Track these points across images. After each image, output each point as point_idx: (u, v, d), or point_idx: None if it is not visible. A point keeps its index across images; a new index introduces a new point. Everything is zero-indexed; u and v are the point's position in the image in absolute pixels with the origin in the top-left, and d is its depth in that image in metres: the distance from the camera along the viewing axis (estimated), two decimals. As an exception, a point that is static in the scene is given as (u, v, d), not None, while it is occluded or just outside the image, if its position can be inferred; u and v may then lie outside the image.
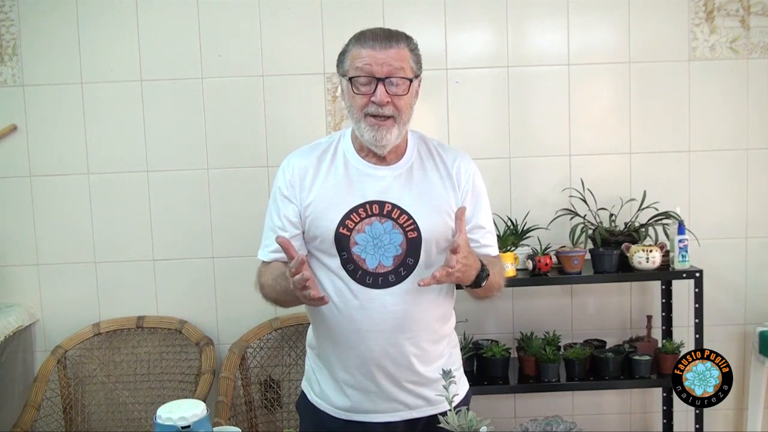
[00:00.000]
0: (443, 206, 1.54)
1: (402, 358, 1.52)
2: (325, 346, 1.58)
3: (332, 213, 1.50)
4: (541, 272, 2.37)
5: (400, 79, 1.46)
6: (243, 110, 2.55)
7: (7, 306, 2.52)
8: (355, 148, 1.56)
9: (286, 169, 1.57)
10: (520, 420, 1.67)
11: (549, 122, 2.58)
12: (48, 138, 2.55)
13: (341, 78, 1.53)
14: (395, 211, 1.50)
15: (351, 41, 1.50)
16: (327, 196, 1.51)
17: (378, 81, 1.45)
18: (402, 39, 1.48)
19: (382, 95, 1.45)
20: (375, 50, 1.44)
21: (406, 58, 1.47)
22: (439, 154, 1.59)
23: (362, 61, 1.45)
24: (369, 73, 1.45)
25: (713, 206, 2.60)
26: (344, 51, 1.51)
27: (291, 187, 1.55)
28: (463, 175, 1.57)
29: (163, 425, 1.22)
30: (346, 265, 1.50)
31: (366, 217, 1.49)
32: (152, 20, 2.52)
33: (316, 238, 1.52)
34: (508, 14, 2.55)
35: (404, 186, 1.53)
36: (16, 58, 2.52)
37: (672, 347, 2.40)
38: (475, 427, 1.14)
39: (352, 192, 1.51)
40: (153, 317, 2.58)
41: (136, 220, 2.58)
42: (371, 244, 1.49)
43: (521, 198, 2.58)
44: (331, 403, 1.59)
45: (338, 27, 2.53)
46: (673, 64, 2.57)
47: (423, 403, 1.56)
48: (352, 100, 1.49)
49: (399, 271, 1.50)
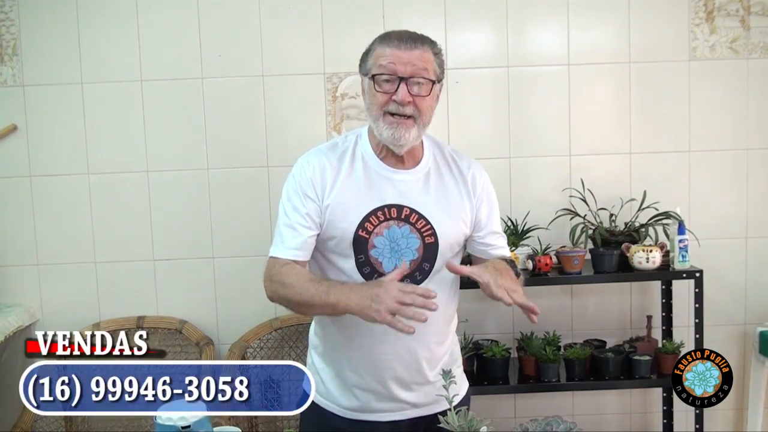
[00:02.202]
0: (459, 213, 1.55)
1: (413, 361, 1.53)
2: (333, 347, 1.58)
3: (352, 215, 1.49)
4: (541, 272, 2.37)
5: (423, 80, 1.46)
6: (243, 110, 2.55)
7: (7, 306, 2.53)
8: (373, 150, 1.55)
9: (306, 167, 1.53)
10: (520, 420, 1.67)
11: (549, 122, 2.58)
12: (48, 138, 2.55)
13: (363, 77, 1.52)
14: (413, 216, 1.50)
15: (376, 41, 1.50)
16: (347, 197, 1.50)
17: (401, 80, 1.44)
18: (427, 42, 1.48)
19: (404, 94, 1.44)
20: (400, 50, 1.44)
21: (430, 61, 1.47)
22: (455, 161, 1.59)
23: (386, 60, 1.44)
24: (392, 71, 1.44)
25: (713, 206, 2.60)
26: (368, 50, 1.51)
27: (312, 186, 1.51)
28: (478, 183, 1.58)
29: (163, 425, 1.22)
30: (362, 267, 1.49)
31: (384, 220, 1.49)
32: (152, 20, 2.52)
33: (334, 238, 1.50)
34: (508, 14, 2.55)
35: (422, 191, 1.53)
36: (16, 58, 2.52)
37: (672, 347, 2.40)
38: (475, 427, 1.15)
39: (371, 194, 1.50)
40: (153, 317, 2.58)
41: (136, 220, 2.57)
42: (388, 247, 1.49)
43: (521, 198, 2.58)
44: (337, 403, 1.59)
45: (338, 27, 2.53)
46: (673, 64, 2.57)
47: (429, 401, 1.56)
48: (373, 97, 1.48)
49: (415, 276, 1.51)
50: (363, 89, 1.54)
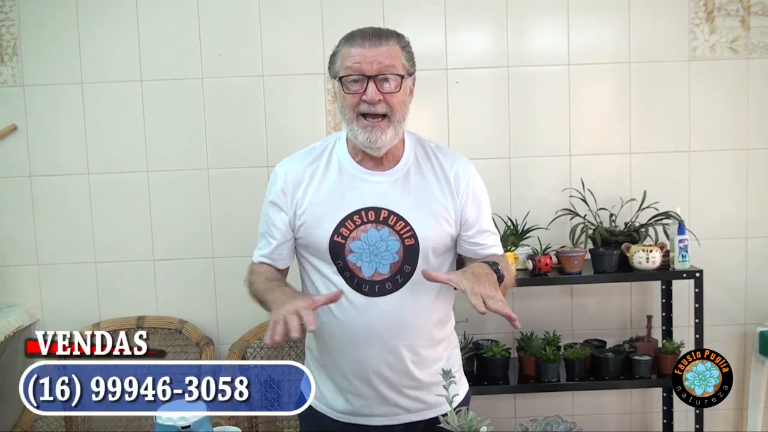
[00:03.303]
0: (441, 212, 1.50)
1: (399, 365, 1.51)
2: (322, 351, 1.57)
3: (326, 221, 1.47)
4: (541, 272, 2.37)
5: (392, 76, 1.42)
6: (243, 110, 2.55)
7: (7, 306, 2.53)
8: (350, 153, 1.52)
9: (279, 175, 1.53)
10: (520, 420, 1.67)
11: (549, 122, 2.58)
12: (48, 138, 2.55)
13: (333, 80, 1.49)
14: (392, 218, 1.47)
15: (341, 42, 1.47)
16: (321, 203, 1.49)
17: (369, 79, 1.41)
18: (392, 36, 1.45)
19: (373, 93, 1.41)
20: (364, 48, 1.41)
21: (397, 55, 1.44)
22: (437, 158, 1.54)
23: (352, 60, 1.42)
24: (359, 71, 1.41)
25: (713, 206, 2.60)
26: (335, 53, 1.48)
27: (283, 195, 1.51)
28: (462, 180, 1.53)
29: (164, 425, 1.22)
30: (342, 272, 1.48)
31: (361, 224, 1.47)
32: (152, 20, 2.52)
33: (311, 245, 1.50)
34: (508, 14, 2.55)
35: (401, 192, 1.50)
36: (16, 58, 2.52)
37: (672, 347, 2.40)
38: (475, 427, 1.14)
39: (347, 199, 1.48)
40: (153, 317, 2.58)
41: (136, 220, 2.57)
42: (367, 251, 1.47)
43: (521, 198, 2.58)
44: (330, 406, 1.58)
45: (338, 27, 2.49)
46: (673, 64, 2.57)
47: (422, 406, 1.55)
48: (343, 100, 1.45)
49: (396, 279, 1.48)
50: (335, 93, 1.52)
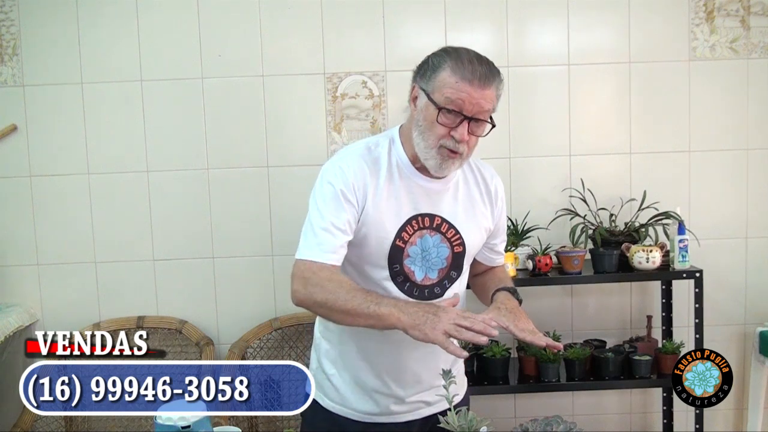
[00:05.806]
0: (483, 222, 1.57)
1: (435, 365, 1.52)
2: (351, 354, 1.56)
3: (389, 224, 1.47)
4: (541, 272, 2.37)
5: (483, 122, 1.44)
6: (243, 110, 2.55)
7: (7, 306, 2.52)
8: (408, 158, 1.52)
9: (347, 170, 1.46)
10: (520, 420, 1.67)
11: (549, 122, 2.58)
12: (48, 138, 2.55)
13: (421, 90, 1.44)
14: (444, 225, 1.51)
15: (446, 60, 1.41)
16: (385, 205, 1.47)
17: (465, 119, 1.41)
18: (496, 78, 1.43)
19: (463, 134, 1.41)
20: (473, 86, 1.39)
21: (494, 100, 1.45)
22: (479, 169, 1.60)
23: (456, 94, 1.39)
24: (459, 108, 1.40)
25: (713, 206, 2.60)
26: (436, 66, 1.42)
27: (354, 191, 1.45)
28: (499, 193, 1.61)
29: (163, 425, 1.22)
30: (396, 277, 1.49)
31: (418, 229, 1.49)
32: (152, 20, 2.52)
33: (369, 247, 1.48)
34: (508, 14, 2.55)
35: (452, 200, 1.53)
36: (16, 58, 2.52)
37: (672, 347, 2.40)
38: (475, 427, 1.15)
39: (407, 203, 1.49)
40: (153, 317, 2.58)
41: (136, 220, 2.57)
42: (420, 257, 1.50)
43: (521, 198, 2.58)
44: (353, 408, 1.57)
45: (338, 27, 2.53)
46: (673, 64, 2.57)
47: (439, 398, 1.56)
48: (432, 127, 1.42)
49: (443, 284, 1.53)
50: (415, 97, 1.47)
